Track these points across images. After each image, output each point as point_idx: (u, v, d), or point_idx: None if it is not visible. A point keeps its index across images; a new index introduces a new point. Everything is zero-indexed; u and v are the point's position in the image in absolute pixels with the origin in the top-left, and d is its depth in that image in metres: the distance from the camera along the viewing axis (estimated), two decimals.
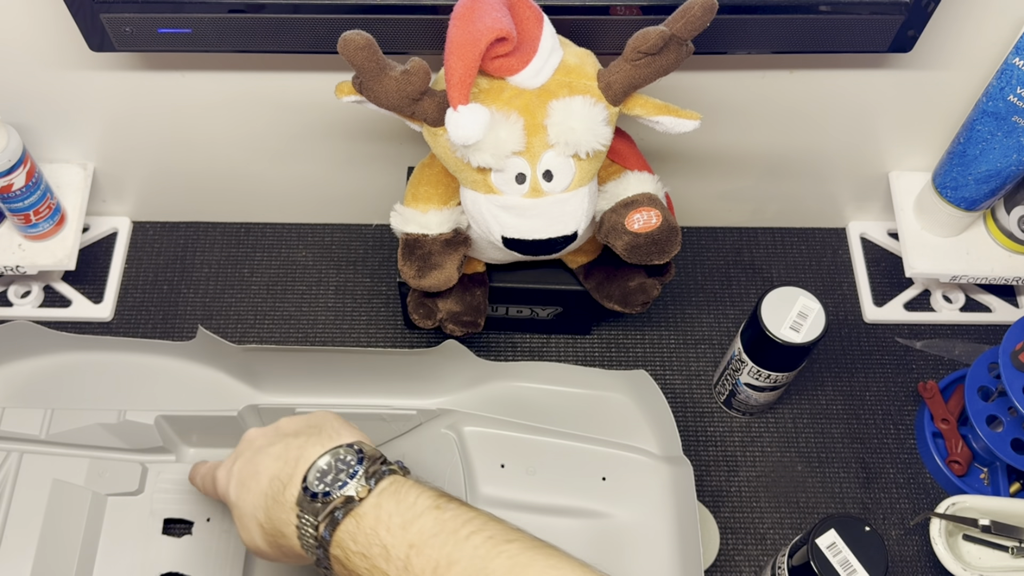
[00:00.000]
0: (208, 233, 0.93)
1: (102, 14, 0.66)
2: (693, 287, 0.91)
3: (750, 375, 0.78)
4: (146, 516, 0.77)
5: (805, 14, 0.67)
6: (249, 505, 0.60)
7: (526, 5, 0.62)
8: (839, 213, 0.93)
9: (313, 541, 0.56)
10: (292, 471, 0.58)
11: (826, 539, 0.66)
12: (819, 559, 0.65)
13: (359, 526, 0.55)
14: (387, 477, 0.57)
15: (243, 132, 0.82)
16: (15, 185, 0.78)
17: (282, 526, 0.58)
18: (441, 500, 0.56)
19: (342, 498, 0.56)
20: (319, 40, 0.68)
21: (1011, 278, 0.84)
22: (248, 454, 0.62)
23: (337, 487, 0.56)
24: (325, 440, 0.59)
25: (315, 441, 0.59)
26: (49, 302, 0.89)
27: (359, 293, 0.90)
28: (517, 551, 0.53)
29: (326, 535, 0.56)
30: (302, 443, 0.60)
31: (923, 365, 0.88)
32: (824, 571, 0.65)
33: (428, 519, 0.54)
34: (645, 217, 0.69)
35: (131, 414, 0.77)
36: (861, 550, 0.65)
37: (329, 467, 0.57)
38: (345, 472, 0.57)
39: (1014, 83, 0.72)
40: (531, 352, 0.87)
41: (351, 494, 0.56)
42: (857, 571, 0.64)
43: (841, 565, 0.65)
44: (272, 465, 0.60)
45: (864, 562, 0.65)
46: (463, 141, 0.62)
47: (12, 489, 0.76)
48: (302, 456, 0.59)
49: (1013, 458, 0.77)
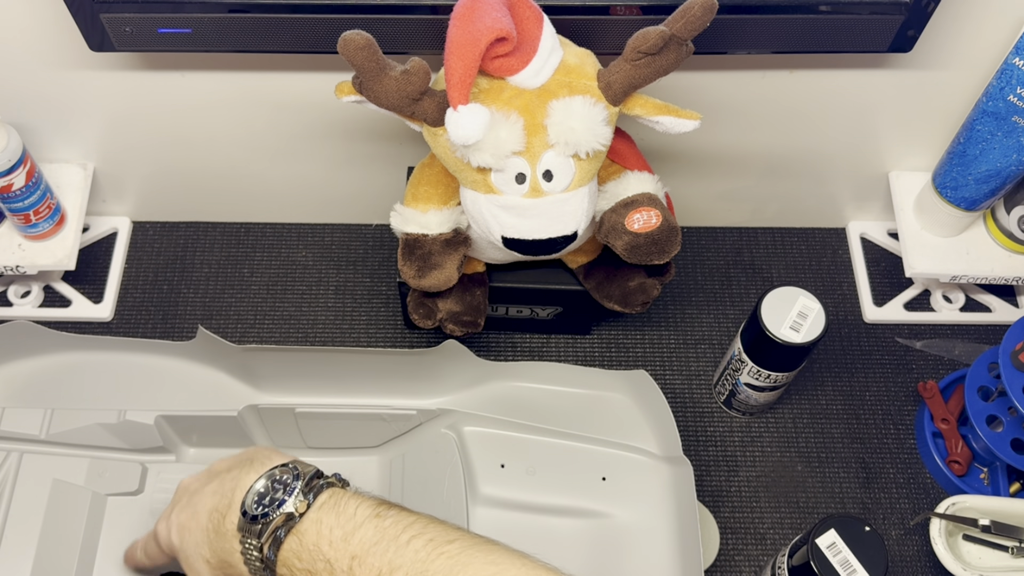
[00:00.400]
0: (208, 233, 0.93)
1: (102, 14, 0.66)
2: (693, 287, 0.91)
3: (750, 375, 0.78)
4: (146, 516, 0.77)
5: (805, 14, 0.67)
6: (192, 544, 0.60)
7: (526, 5, 0.62)
8: (839, 213, 0.93)
9: (259, 564, 0.56)
10: (230, 500, 0.58)
11: (826, 539, 0.66)
12: (819, 559, 0.65)
13: (302, 543, 0.55)
14: (325, 491, 0.57)
15: (243, 132, 0.82)
16: (15, 185, 0.78)
17: (227, 555, 0.58)
18: (381, 508, 0.56)
19: (282, 516, 0.56)
20: (319, 40, 0.68)
21: (1011, 278, 0.84)
22: (184, 499, 0.62)
23: (275, 506, 0.56)
24: (258, 467, 0.59)
25: (248, 469, 0.59)
26: (49, 302, 0.89)
27: (359, 293, 0.90)
28: (457, 551, 0.53)
29: (271, 555, 0.56)
30: (236, 474, 0.60)
31: (923, 365, 0.88)
32: (824, 571, 0.65)
33: (368, 528, 0.55)
34: (645, 217, 0.69)
35: (131, 414, 0.77)
36: (861, 550, 0.65)
37: (266, 489, 0.57)
38: (282, 490, 0.57)
39: (1014, 83, 0.72)
40: (531, 352, 0.87)
41: (290, 511, 0.56)
42: (857, 571, 0.64)
43: (841, 565, 0.65)
44: (209, 501, 0.60)
45: (864, 562, 0.65)
46: (463, 141, 0.62)
47: (12, 489, 0.76)
48: (238, 485, 0.59)
49: (1013, 458, 0.77)
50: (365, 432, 0.79)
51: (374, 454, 0.80)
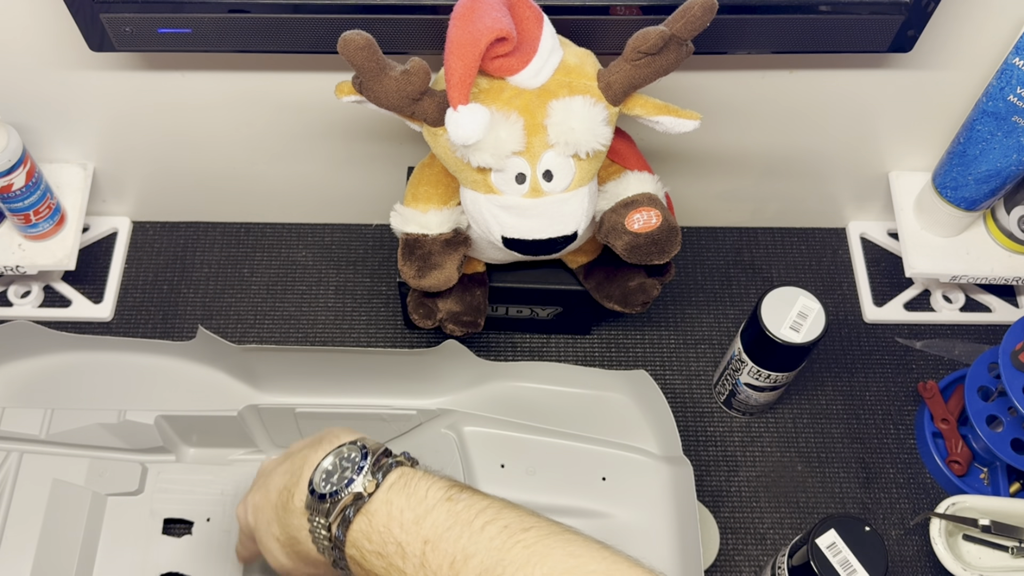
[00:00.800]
0: (208, 233, 0.93)
1: (102, 14, 0.66)
2: (693, 287, 0.91)
3: (750, 375, 0.78)
4: (146, 516, 0.77)
5: (805, 14, 0.67)
6: (264, 523, 0.60)
7: (526, 5, 0.62)
8: (839, 213, 0.93)
9: (327, 543, 0.56)
10: (298, 478, 0.58)
11: (826, 539, 0.66)
12: (819, 559, 0.65)
13: (371, 524, 0.54)
14: (395, 470, 0.56)
15: (243, 132, 0.82)
16: (15, 185, 0.78)
17: (295, 532, 0.58)
18: (452, 491, 0.55)
19: (351, 496, 0.55)
20: (319, 40, 0.68)
21: (1011, 278, 0.84)
22: (260, 481, 0.62)
23: (344, 485, 0.55)
24: (327, 445, 0.59)
25: (317, 447, 0.59)
26: (49, 302, 0.89)
27: (359, 293, 0.90)
28: (534, 539, 0.51)
29: (339, 535, 0.55)
30: (305, 453, 0.59)
31: (923, 365, 0.88)
32: (824, 571, 0.65)
33: (440, 512, 0.53)
34: (645, 217, 0.69)
35: (131, 414, 0.77)
36: (861, 550, 0.65)
37: (334, 467, 0.57)
38: (350, 469, 0.56)
39: (1014, 83, 0.72)
40: (531, 352, 0.87)
41: (359, 490, 0.55)
42: (857, 571, 0.64)
43: (841, 565, 0.65)
44: (280, 480, 0.60)
45: (864, 562, 0.65)
46: (463, 141, 0.62)
47: (12, 489, 0.76)
48: (306, 463, 0.58)
49: (1013, 458, 0.77)
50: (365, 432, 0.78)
51: None
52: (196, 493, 0.78)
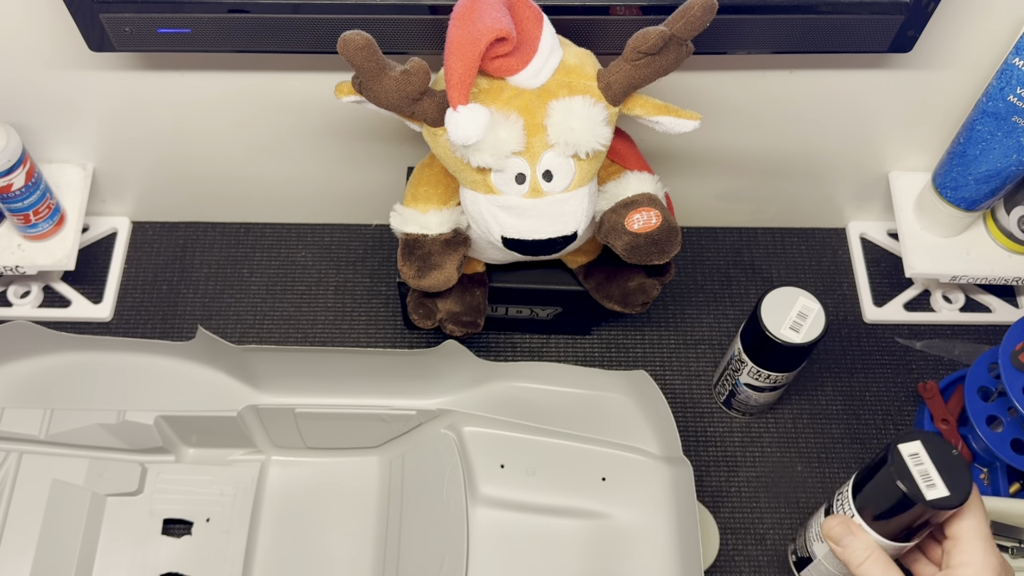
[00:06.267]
0: (208, 233, 0.93)
1: (102, 14, 0.66)
2: (693, 287, 0.91)
3: (750, 375, 0.78)
4: (146, 516, 0.77)
5: (805, 14, 0.67)
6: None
7: (526, 5, 0.62)
8: (839, 213, 0.93)
9: None
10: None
11: (910, 447, 0.60)
12: (898, 464, 0.60)
13: None
14: None
15: (243, 132, 0.82)
16: (15, 185, 0.78)
17: None
18: None
19: None
20: (319, 40, 0.68)
21: (1011, 278, 0.84)
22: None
23: None
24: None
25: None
26: (49, 302, 0.89)
27: (359, 293, 0.90)
28: None
29: None
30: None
31: (923, 365, 0.88)
32: (902, 476, 0.59)
33: None
34: (645, 217, 0.69)
35: (131, 414, 0.77)
36: (945, 468, 0.59)
37: None
38: None
39: (1014, 83, 0.72)
40: (531, 352, 0.87)
41: None
42: (936, 486, 0.59)
43: (921, 476, 0.59)
44: None
45: (947, 481, 0.59)
46: (463, 141, 0.62)
47: (12, 489, 0.76)
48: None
49: (1013, 458, 0.76)
50: (365, 432, 0.79)
51: (374, 454, 0.80)
52: (196, 493, 0.78)
